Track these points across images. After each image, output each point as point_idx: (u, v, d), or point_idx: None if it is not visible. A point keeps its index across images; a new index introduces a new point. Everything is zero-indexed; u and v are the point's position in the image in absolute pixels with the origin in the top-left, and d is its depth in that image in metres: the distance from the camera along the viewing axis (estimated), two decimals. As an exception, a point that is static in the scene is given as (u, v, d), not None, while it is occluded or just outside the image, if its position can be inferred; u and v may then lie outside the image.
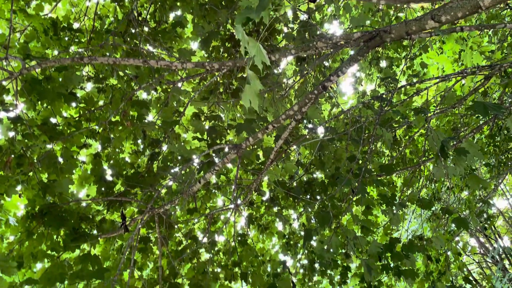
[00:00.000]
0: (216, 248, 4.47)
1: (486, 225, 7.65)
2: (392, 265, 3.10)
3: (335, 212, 3.79)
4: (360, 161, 3.65)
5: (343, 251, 4.05)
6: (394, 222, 3.45)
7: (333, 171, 3.43)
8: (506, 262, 10.01)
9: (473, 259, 11.79)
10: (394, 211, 3.35)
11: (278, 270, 4.16)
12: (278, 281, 3.50)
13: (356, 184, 3.10)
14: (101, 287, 3.60)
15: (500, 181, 6.25)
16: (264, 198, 4.67)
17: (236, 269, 4.32)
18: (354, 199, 3.70)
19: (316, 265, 4.53)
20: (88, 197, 3.80)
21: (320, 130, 3.96)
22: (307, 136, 3.54)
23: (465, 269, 10.39)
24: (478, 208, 5.34)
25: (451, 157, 2.86)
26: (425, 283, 4.92)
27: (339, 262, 4.48)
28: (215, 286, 4.34)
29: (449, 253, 5.46)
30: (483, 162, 6.54)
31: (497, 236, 10.39)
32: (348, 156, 3.34)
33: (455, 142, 3.48)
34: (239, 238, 4.36)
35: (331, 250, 3.32)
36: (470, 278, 10.89)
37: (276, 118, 2.71)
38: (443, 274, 5.08)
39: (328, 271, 4.48)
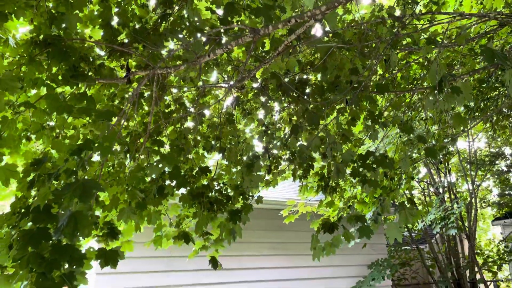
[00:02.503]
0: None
1: (441, 159, 8.28)
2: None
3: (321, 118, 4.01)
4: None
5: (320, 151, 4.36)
6: (371, 137, 3.74)
7: (332, 78, 3.56)
8: (446, 195, 11.06)
9: (419, 186, 12.89)
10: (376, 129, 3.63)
11: (251, 152, 4.46)
12: (256, 162, 3.82)
13: (349, 97, 3.29)
14: (94, 126, 3.83)
15: (472, 125, 6.63)
16: (255, 85, 4.79)
17: (213, 142, 4.61)
18: (337, 106, 3.91)
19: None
20: (90, 39, 3.78)
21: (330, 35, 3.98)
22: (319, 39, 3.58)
23: (407, 192, 11.41)
24: (443, 143, 5.75)
25: (444, 93, 3.05)
26: (375, 195, 5.48)
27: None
28: (192, 151, 4.66)
29: (403, 175, 5.99)
30: (463, 104, 6.84)
31: (447, 171, 11.27)
32: (351, 67, 3.45)
33: (451, 79, 3.65)
34: (227, 117, 4.58)
35: (310, 148, 3.62)
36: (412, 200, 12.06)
37: (301, 13, 2.73)
38: (393, 191, 5.64)
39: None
